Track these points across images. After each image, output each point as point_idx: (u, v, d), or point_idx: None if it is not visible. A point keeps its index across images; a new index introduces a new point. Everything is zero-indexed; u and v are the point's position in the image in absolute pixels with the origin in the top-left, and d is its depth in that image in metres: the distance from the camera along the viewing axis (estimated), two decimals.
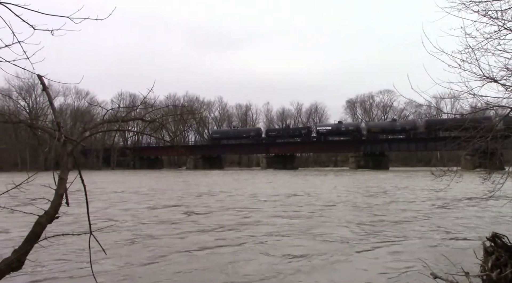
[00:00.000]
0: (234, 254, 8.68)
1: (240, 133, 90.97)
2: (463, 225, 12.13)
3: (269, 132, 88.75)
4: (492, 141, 7.53)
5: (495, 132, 7.36)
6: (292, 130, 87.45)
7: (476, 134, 7.61)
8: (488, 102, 8.06)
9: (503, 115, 7.83)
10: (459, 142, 7.98)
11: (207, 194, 24.04)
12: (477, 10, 7.29)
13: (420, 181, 34.73)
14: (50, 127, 4.57)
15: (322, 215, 14.64)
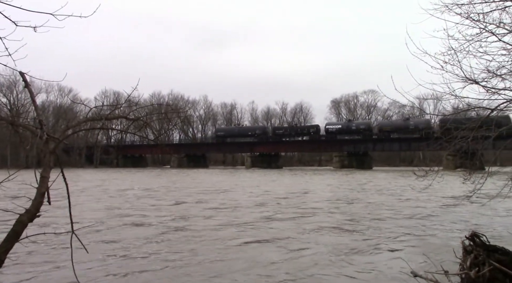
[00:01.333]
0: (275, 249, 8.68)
1: (246, 131, 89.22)
2: (443, 224, 12.30)
3: (276, 131, 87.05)
4: (473, 142, 7.65)
5: (476, 133, 7.48)
6: (300, 128, 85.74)
7: (458, 135, 7.73)
8: (469, 104, 8.20)
9: (484, 116, 7.96)
10: (441, 142, 8.09)
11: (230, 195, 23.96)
12: (460, 13, 7.41)
13: (403, 180, 35.11)
14: (32, 125, 4.52)
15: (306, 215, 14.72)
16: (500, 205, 14.56)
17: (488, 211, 13.90)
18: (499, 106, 7.43)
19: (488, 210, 13.79)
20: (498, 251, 4.76)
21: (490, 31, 7.28)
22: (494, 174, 7.69)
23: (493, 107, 7.53)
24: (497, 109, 7.50)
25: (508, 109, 7.63)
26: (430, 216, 14.14)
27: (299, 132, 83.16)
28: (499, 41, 7.31)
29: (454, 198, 19.24)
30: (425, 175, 7.93)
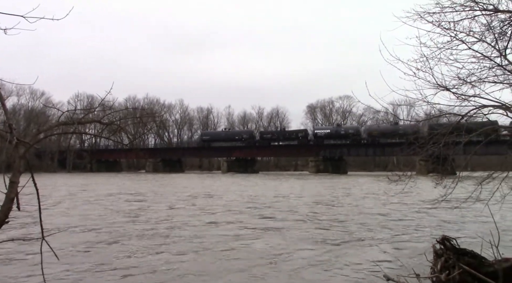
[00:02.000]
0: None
1: (233, 136, 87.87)
2: (415, 228, 12.51)
3: (263, 135, 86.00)
4: (444, 147, 7.82)
5: (447, 139, 7.64)
6: (288, 133, 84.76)
7: (430, 140, 7.89)
8: (441, 110, 8.38)
9: (454, 122, 8.14)
10: (414, 147, 8.23)
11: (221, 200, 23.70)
12: (431, 21, 7.57)
13: (377, 185, 35.58)
14: (1, 129, 4.40)
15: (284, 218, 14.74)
16: (469, 209, 14.89)
17: (458, 215, 14.19)
18: (469, 113, 7.62)
19: (458, 214, 14.07)
20: (467, 254, 4.87)
21: (460, 39, 7.47)
22: (465, 179, 7.87)
23: (463, 113, 7.72)
24: (467, 116, 7.69)
25: (477, 115, 7.83)
26: (403, 220, 14.36)
27: (287, 137, 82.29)
28: (469, 49, 7.51)
29: (426, 202, 19.58)
30: (398, 180, 8.05)
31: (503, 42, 7.46)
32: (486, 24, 7.43)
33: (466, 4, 7.22)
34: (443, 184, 8.02)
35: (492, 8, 7.11)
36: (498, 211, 9.47)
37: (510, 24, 7.33)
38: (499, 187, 7.12)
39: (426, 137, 7.92)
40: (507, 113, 7.30)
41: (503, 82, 7.43)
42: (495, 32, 7.41)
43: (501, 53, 7.33)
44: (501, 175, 7.05)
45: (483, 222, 12.52)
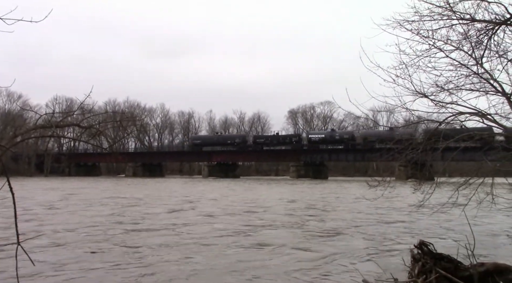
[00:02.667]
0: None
1: (225, 140, 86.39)
2: (394, 233, 12.65)
3: (256, 139, 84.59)
4: (423, 153, 7.94)
5: (425, 145, 7.77)
6: (282, 137, 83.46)
7: (408, 146, 8.01)
8: (419, 117, 8.53)
9: (432, 129, 8.28)
10: (393, 153, 8.34)
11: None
12: (410, 29, 7.72)
13: (357, 190, 35.88)
14: None
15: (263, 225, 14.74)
16: (447, 214, 15.13)
17: (435, 220, 14.40)
18: (446, 119, 7.77)
19: (436, 219, 14.29)
20: (444, 259, 4.95)
21: (438, 47, 7.63)
22: (442, 184, 8.01)
23: (441, 120, 7.86)
24: (445, 122, 7.84)
25: (455, 122, 7.99)
26: (382, 225, 14.50)
27: (281, 142, 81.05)
28: (446, 57, 7.68)
29: (405, 207, 19.83)
30: (377, 185, 8.15)
31: (479, 51, 7.65)
32: (463, 33, 7.61)
33: (444, 13, 7.38)
34: (421, 189, 8.14)
35: (469, 18, 7.28)
36: (475, 216, 9.64)
37: (486, 33, 7.51)
38: (476, 192, 7.26)
39: (405, 143, 8.03)
40: (483, 121, 7.46)
41: (479, 90, 7.61)
42: (471, 41, 7.59)
43: (477, 62, 7.51)
44: (477, 181, 7.18)
45: (460, 227, 12.72)
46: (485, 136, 7.77)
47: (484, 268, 4.93)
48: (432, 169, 11.66)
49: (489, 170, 7.15)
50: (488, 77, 7.44)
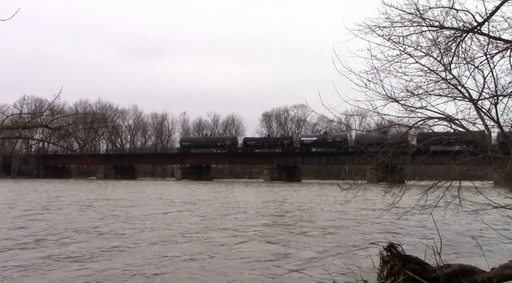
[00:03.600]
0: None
1: (214, 142, 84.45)
2: (365, 235, 12.83)
3: (247, 142, 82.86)
4: (393, 157, 8.08)
5: (396, 149, 7.91)
6: (273, 140, 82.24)
7: (379, 150, 8.13)
8: (390, 121, 8.67)
9: (403, 133, 8.43)
10: (364, 157, 8.45)
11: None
12: (382, 35, 7.84)
13: (330, 192, 36.24)
14: None
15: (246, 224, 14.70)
16: (416, 217, 15.45)
17: (405, 222, 14.66)
18: (416, 124, 7.93)
19: (405, 221, 14.55)
20: (412, 260, 5.05)
21: (408, 53, 7.78)
22: (412, 187, 8.16)
23: (411, 124, 8.02)
24: (415, 127, 8.00)
25: (424, 126, 8.16)
26: (352, 227, 14.68)
27: (272, 144, 79.60)
28: (416, 63, 7.83)
29: (376, 209, 20.14)
30: (349, 188, 8.24)
31: (448, 57, 7.83)
32: (432, 39, 7.77)
33: (414, 19, 7.53)
34: (391, 192, 8.28)
35: (438, 25, 7.45)
36: (442, 218, 9.87)
37: (454, 40, 7.70)
38: (443, 195, 7.43)
39: (376, 147, 8.15)
40: (451, 125, 7.64)
41: (448, 95, 7.78)
42: (440, 48, 7.76)
43: (446, 68, 7.68)
44: (445, 184, 7.35)
45: (428, 229, 13.01)
46: (452, 141, 7.96)
47: (450, 269, 5.06)
48: (403, 172, 11.89)
49: (456, 174, 7.32)
50: (456, 83, 7.63)
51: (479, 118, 7.32)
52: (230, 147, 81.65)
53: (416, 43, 7.79)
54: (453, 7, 7.21)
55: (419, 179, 9.99)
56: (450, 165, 7.47)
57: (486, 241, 11.35)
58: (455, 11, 7.28)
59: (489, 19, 7.06)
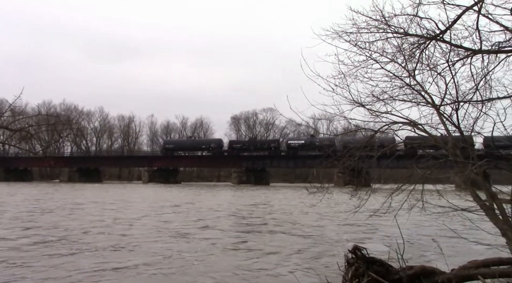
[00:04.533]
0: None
1: (199, 145, 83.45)
2: (331, 238, 12.97)
3: (233, 145, 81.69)
4: (360, 160, 8.21)
5: (362, 153, 8.03)
6: (260, 143, 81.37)
7: (346, 154, 8.25)
8: (357, 125, 8.80)
9: (368, 137, 8.57)
10: (331, 160, 8.55)
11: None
12: (349, 40, 7.96)
13: (297, 195, 36.49)
14: None
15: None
16: (380, 219, 15.73)
17: (370, 225, 14.93)
18: (381, 128, 8.09)
19: (370, 224, 14.81)
20: (376, 263, 5.15)
21: (374, 59, 7.93)
22: (378, 191, 8.30)
23: (376, 129, 8.17)
24: (380, 131, 8.15)
25: (389, 131, 8.33)
26: (318, 229, 14.83)
27: (259, 147, 78.91)
28: (382, 68, 8.00)
29: (342, 212, 20.41)
30: (316, 191, 8.31)
31: (412, 64, 8.02)
32: (397, 46, 7.95)
33: (380, 26, 7.69)
34: (357, 195, 8.40)
35: (403, 32, 7.64)
36: (406, 221, 10.09)
37: (418, 47, 7.90)
38: (407, 198, 7.59)
39: (342, 151, 8.26)
40: (414, 130, 7.83)
41: (412, 100, 7.97)
42: (405, 54, 7.95)
43: (410, 74, 7.87)
44: (409, 187, 7.50)
45: (392, 231, 13.27)
46: (415, 145, 8.16)
47: (413, 271, 5.18)
48: (369, 175, 12.10)
49: (419, 177, 7.49)
50: (419, 89, 7.82)
51: (441, 124, 7.53)
52: (215, 149, 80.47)
53: (381, 49, 7.95)
54: (417, 15, 7.41)
55: (385, 182, 10.19)
56: (414, 168, 7.64)
57: (447, 243, 11.67)
58: (419, 18, 7.48)
59: (451, 27, 7.29)
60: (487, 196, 6.47)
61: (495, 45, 7.33)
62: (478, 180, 6.68)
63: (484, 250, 9.94)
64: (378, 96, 8.05)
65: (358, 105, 8.01)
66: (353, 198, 8.44)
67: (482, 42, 7.27)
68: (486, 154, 7.35)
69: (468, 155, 6.66)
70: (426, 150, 8.10)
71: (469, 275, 5.19)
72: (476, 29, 7.18)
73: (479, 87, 7.62)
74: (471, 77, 7.69)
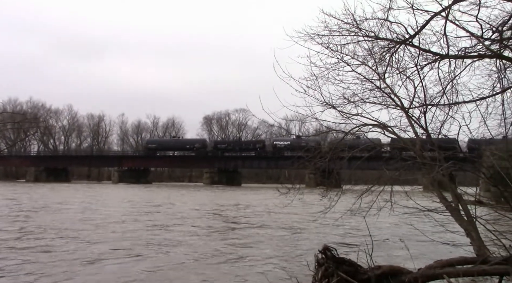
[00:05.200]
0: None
1: (183, 145, 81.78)
2: (302, 238, 13.07)
3: (218, 145, 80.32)
4: (330, 162, 8.30)
5: (332, 154, 8.12)
6: (245, 143, 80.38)
7: (317, 155, 8.32)
8: (328, 127, 8.90)
9: (339, 138, 8.68)
10: (303, 161, 8.61)
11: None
12: (321, 43, 8.06)
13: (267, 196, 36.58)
14: None
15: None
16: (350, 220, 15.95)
17: (340, 225, 15.09)
18: (352, 130, 8.20)
19: (340, 224, 14.97)
20: (345, 263, 5.22)
21: (345, 61, 8.04)
22: (348, 192, 8.40)
23: (347, 130, 8.28)
24: (351, 133, 8.26)
25: (359, 133, 8.45)
26: (290, 230, 14.91)
27: (244, 148, 77.97)
28: (353, 71, 8.12)
29: (313, 213, 20.56)
30: (288, 192, 8.35)
31: (382, 67, 8.18)
32: (368, 49, 8.09)
33: (351, 29, 7.81)
34: (328, 196, 8.48)
35: (373, 35, 7.77)
36: (375, 221, 10.26)
37: (388, 51, 8.05)
38: (376, 199, 7.71)
39: (313, 152, 8.32)
40: (384, 132, 7.98)
41: (382, 103, 8.12)
42: (375, 57, 8.09)
43: (380, 77, 8.02)
44: (378, 188, 7.63)
45: (361, 232, 13.45)
46: (385, 147, 8.30)
47: (381, 271, 5.27)
48: (340, 176, 12.23)
49: (388, 178, 7.63)
50: (389, 92, 7.97)
51: (410, 126, 7.69)
52: (200, 149, 79.29)
53: (353, 52, 8.07)
54: (388, 19, 7.56)
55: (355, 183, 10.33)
56: (383, 170, 7.78)
57: (415, 243, 11.92)
58: (389, 23, 7.63)
59: (420, 32, 7.46)
60: (453, 197, 6.65)
61: (461, 51, 7.55)
62: (444, 182, 6.86)
63: (449, 249, 10.21)
64: (349, 99, 8.16)
65: (329, 107, 8.10)
66: (324, 199, 8.51)
67: (450, 47, 7.48)
68: (452, 156, 7.55)
69: (435, 157, 6.83)
70: (395, 151, 8.25)
71: (435, 274, 5.32)
72: (443, 34, 7.38)
73: (446, 91, 7.84)
74: (439, 81, 7.91)
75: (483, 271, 5.19)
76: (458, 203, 6.50)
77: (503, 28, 7.33)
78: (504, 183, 5.58)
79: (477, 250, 5.95)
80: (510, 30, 7.45)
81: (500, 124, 7.97)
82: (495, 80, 7.89)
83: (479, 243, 5.93)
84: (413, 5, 7.21)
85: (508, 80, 7.90)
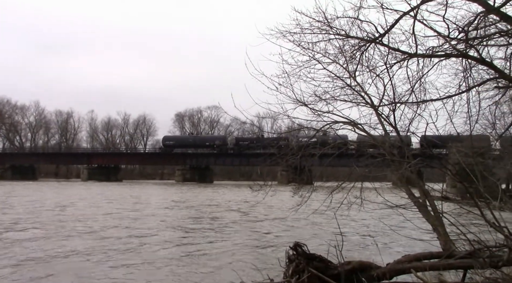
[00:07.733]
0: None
1: (203, 141, 78.61)
2: (273, 235, 13.14)
3: (239, 141, 76.83)
4: (302, 159, 8.35)
5: (304, 151, 8.18)
6: (266, 140, 78.28)
7: (289, 152, 8.36)
8: (300, 124, 8.95)
9: (311, 136, 8.74)
10: (275, 158, 8.64)
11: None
12: (292, 40, 8.09)
13: (240, 193, 36.62)
14: None
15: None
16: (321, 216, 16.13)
17: (311, 222, 15.24)
18: (323, 128, 8.27)
19: (311, 221, 15.13)
20: (316, 259, 5.27)
21: (317, 59, 8.10)
22: (319, 188, 8.48)
23: (319, 128, 8.35)
24: (322, 130, 8.34)
25: (330, 130, 8.54)
26: (260, 227, 14.98)
27: (266, 145, 75.89)
28: (324, 69, 8.18)
29: (284, 210, 20.70)
30: (260, 189, 8.36)
31: (353, 65, 8.28)
32: (339, 47, 8.17)
33: (322, 27, 7.87)
34: (300, 193, 8.53)
35: (344, 34, 7.86)
36: (346, 218, 10.41)
37: (359, 49, 8.16)
38: (347, 196, 7.81)
39: (285, 149, 8.36)
40: (354, 129, 8.08)
41: (352, 101, 8.21)
42: (346, 56, 8.18)
43: (351, 75, 8.11)
44: (349, 185, 7.73)
45: (332, 228, 13.61)
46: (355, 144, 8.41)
47: (351, 266, 5.35)
48: (311, 173, 12.34)
49: (358, 175, 7.74)
50: (360, 90, 8.07)
51: (379, 124, 7.82)
52: (221, 146, 76.78)
53: (324, 50, 8.14)
54: (358, 18, 7.67)
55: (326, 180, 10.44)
56: (353, 167, 7.88)
57: (384, 238, 12.17)
58: (360, 21, 7.73)
59: (389, 31, 7.60)
60: (420, 193, 6.80)
61: (429, 50, 7.72)
62: (412, 178, 7.01)
63: (418, 244, 10.45)
64: (320, 96, 8.22)
65: (301, 104, 8.13)
66: (296, 196, 8.56)
67: (418, 46, 7.65)
68: (420, 153, 7.72)
69: (404, 154, 6.96)
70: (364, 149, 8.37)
71: (403, 268, 5.43)
72: (412, 33, 7.53)
73: (414, 89, 8.01)
74: (408, 80, 8.08)
75: (448, 265, 5.33)
76: (425, 198, 6.65)
77: (469, 28, 7.53)
78: (469, 179, 5.73)
79: (443, 245, 6.10)
80: (475, 30, 7.67)
81: (466, 122, 8.20)
82: (461, 79, 8.12)
83: (445, 238, 6.08)
84: (382, 4, 7.34)
85: (473, 79, 8.14)
